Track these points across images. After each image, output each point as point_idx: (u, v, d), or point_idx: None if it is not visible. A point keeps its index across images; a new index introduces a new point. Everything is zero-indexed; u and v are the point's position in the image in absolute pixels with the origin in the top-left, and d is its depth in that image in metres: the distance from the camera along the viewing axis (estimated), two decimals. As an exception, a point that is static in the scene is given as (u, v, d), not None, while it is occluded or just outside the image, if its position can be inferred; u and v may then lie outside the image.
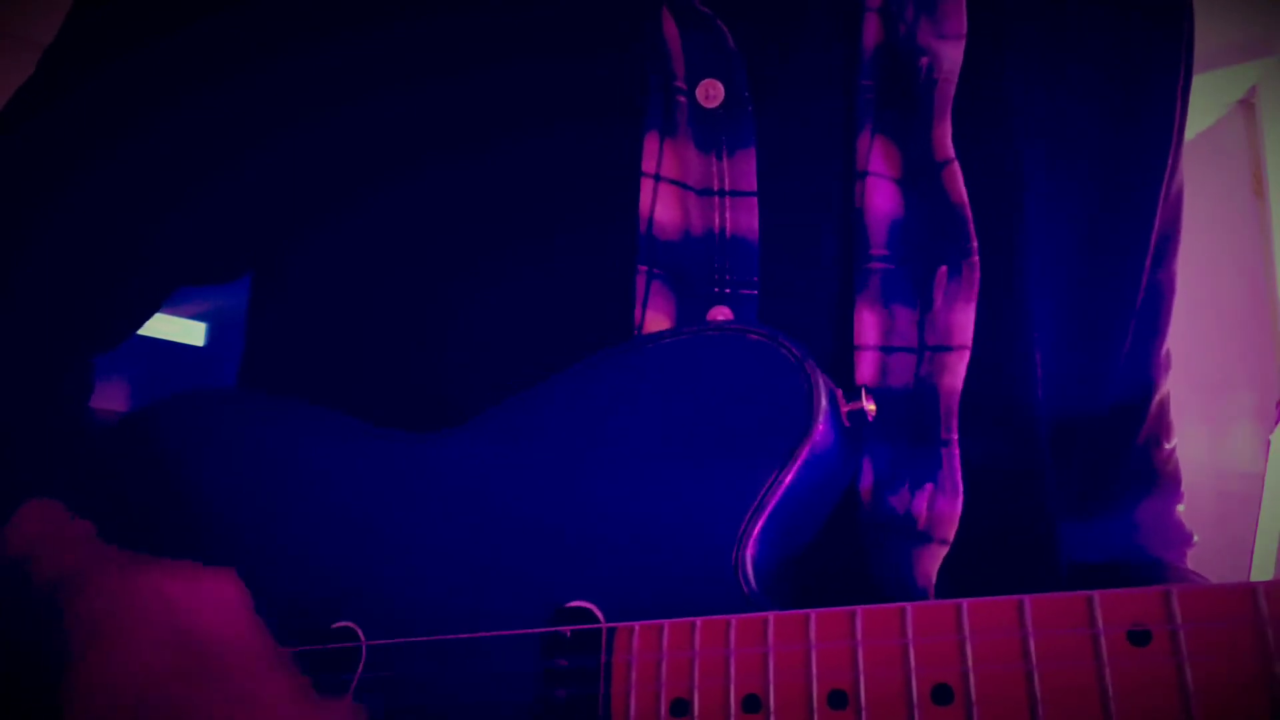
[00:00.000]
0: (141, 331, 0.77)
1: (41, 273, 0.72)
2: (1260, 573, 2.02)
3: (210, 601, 0.57)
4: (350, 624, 0.62)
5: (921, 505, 0.64)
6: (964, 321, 0.64)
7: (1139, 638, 0.43)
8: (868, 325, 0.66)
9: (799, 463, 0.56)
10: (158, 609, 0.55)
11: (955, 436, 0.64)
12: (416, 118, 0.69)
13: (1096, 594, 0.44)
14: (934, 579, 0.64)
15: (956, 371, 0.64)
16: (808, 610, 0.50)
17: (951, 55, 0.67)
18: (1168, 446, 0.86)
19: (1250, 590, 0.40)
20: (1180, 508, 0.86)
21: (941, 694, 0.46)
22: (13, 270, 0.72)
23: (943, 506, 0.64)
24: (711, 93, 0.66)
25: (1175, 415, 0.88)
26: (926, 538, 0.64)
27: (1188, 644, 0.42)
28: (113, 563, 0.58)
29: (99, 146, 0.73)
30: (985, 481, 0.65)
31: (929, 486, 0.64)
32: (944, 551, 0.64)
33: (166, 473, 0.70)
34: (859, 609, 0.49)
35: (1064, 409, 0.73)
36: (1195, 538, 0.85)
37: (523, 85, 0.68)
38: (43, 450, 0.67)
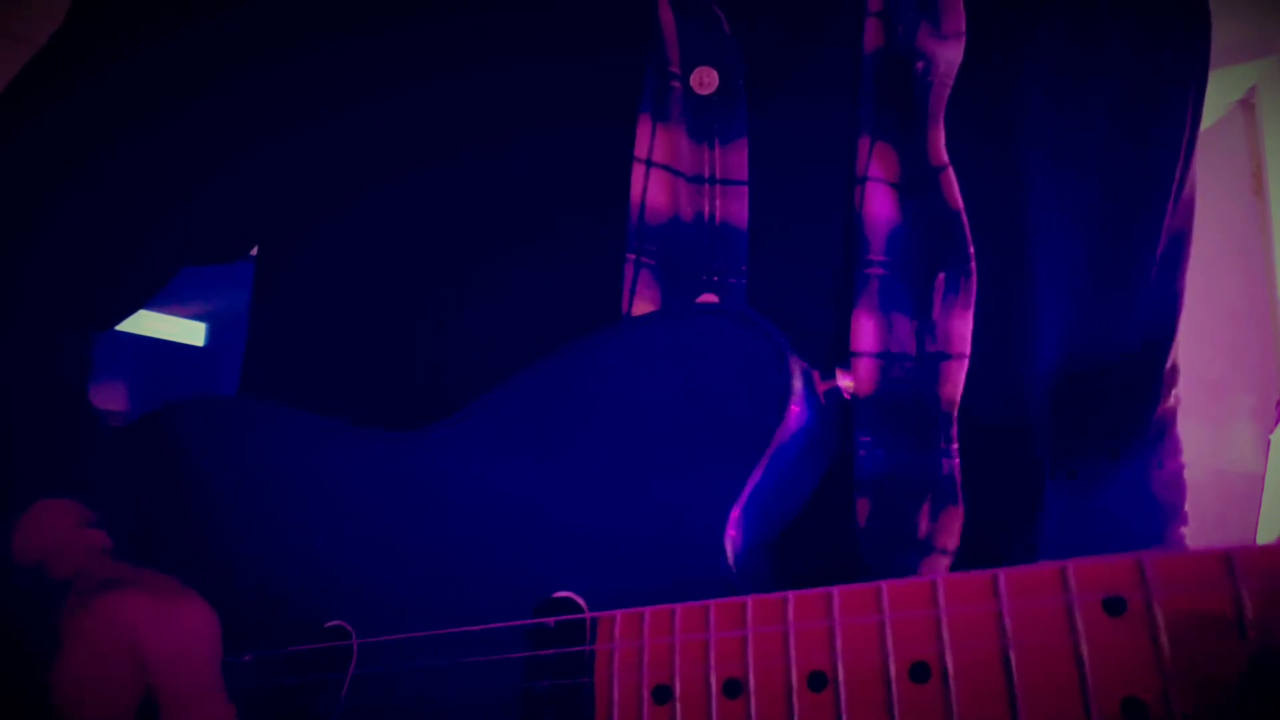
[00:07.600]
0: (141, 331, 0.78)
1: (44, 264, 0.73)
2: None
3: (174, 628, 0.58)
4: (342, 623, 0.62)
5: (923, 516, 0.64)
6: (962, 330, 0.64)
7: (1114, 606, 0.43)
8: (866, 331, 0.65)
9: (775, 445, 0.56)
10: (119, 630, 0.56)
11: (955, 446, 0.63)
12: (414, 115, 0.70)
13: (1070, 563, 0.44)
14: None
15: (956, 381, 0.64)
16: (785, 592, 0.50)
17: (949, 56, 0.67)
18: (1171, 466, 0.85)
19: (1224, 554, 0.40)
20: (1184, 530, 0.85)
21: (919, 671, 0.46)
22: (15, 261, 0.72)
23: (945, 517, 0.63)
24: (705, 80, 0.66)
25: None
26: (929, 548, 0.64)
27: (1162, 611, 0.42)
28: (97, 578, 0.59)
29: (101, 144, 0.73)
30: (985, 489, 0.64)
31: (930, 496, 0.64)
32: (947, 562, 0.63)
33: (171, 475, 0.71)
34: (836, 589, 0.49)
35: (1069, 411, 0.72)
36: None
37: (520, 76, 0.68)
38: (49, 442, 0.68)
